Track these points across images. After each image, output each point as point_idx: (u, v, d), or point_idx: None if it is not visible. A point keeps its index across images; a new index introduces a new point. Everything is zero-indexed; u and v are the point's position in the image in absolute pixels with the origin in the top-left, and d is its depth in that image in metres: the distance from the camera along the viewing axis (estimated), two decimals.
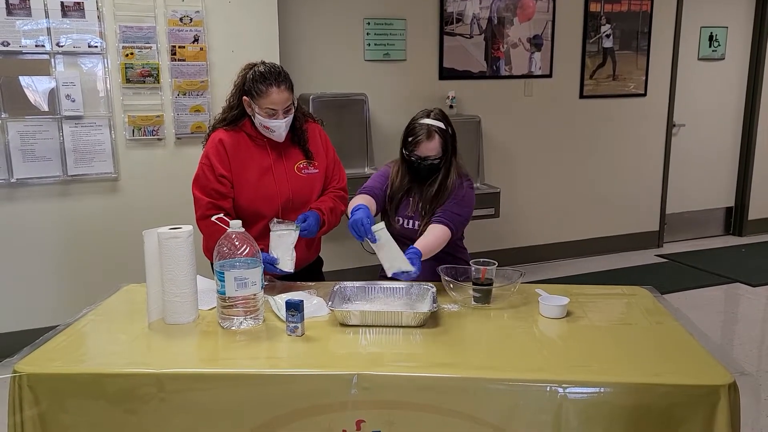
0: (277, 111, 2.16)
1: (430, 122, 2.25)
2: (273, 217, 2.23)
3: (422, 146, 2.24)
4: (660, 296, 2.12)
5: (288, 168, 2.29)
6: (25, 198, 3.36)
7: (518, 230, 5.02)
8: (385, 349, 1.76)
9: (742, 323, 4.04)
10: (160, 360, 1.72)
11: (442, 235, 2.21)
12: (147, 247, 1.87)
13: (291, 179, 2.29)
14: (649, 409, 1.52)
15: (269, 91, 2.14)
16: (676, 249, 5.48)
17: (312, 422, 1.58)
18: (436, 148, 2.24)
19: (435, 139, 2.23)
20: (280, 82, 2.15)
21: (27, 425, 1.59)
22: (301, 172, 2.31)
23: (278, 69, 2.19)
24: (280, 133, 2.21)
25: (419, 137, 2.23)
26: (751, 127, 5.69)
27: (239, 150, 2.24)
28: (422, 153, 2.24)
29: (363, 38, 4.30)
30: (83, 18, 3.28)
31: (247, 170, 2.24)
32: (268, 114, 2.17)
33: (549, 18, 4.77)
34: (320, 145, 2.37)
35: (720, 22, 5.46)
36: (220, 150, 2.22)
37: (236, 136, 2.24)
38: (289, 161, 2.30)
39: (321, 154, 2.37)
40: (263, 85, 2.14)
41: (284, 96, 2.15)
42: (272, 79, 2.15)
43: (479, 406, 1.56)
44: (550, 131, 4.97)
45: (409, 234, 2.32)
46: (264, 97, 2.15)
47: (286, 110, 2.18)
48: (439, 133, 2.24)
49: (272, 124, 2.18)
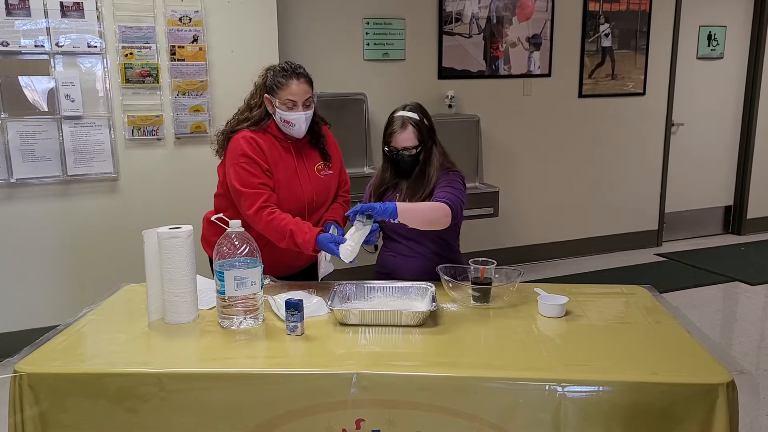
0: (296, 103, 2.19)
1: (403, 113, 2.28)
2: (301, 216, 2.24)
3: (397, 137, 2.26)
4: (659, 295, 2.13)
5: (309, 170, 2.32)
6: (25, 198, 3.36)
7: (517, 229, 5.03)
8: (385, 349, 1.76)
9: (740, 322, 4.05)
10: (160, 359, 1.72)
11: (437, 206, 2.16)
12: (147, 246, 1.88)
13: (313, 181, 2.32)
14: (648, 408, 1.52)
15: (289, 83, 2.18)
16: (675, 248, 5.49)
17: (312, 421, 1.58)
18: (411, 138, 2.25)
19: (408, 129, 2.25)
20: (299, 75, 2.20)
21: (27, 425, 1.59)
22: (320, 174, 2.34)
23: (298, 64, 2.25)
24: (299, 127, 2.23)
25: (394, 128, 2.26)
26: (750, 125, 5.70)
27: (271, 150, 2.25)
28: (398, 144, 2.26)
29: (362, 38, 4.30)
30: (82, 18, 3.28)
31: (278, 171, 2.25)
32: (288, 106, 2.19)
33: (548, 17, 4.77)
34: (333, 147, 2.42)
35: (719, 21, 5.47)
36: (256, 147, 2.21)
37: (263, 137, 2.25)
38: (309, 163, 2.33)
39: (335, 155, 2.42)
40: (283, 78, 2.19)
41: (303, 88, 2.19)
42: (291, 71, 2.20)
43: (478, 404, 1.56)
44: (549, 130, 4.97)
45: (397, 228, 2.30)
46: (284, 89, 2.18)
47: (306, 104, 2.21)
48: (413, 123, 2.26)
49: (292, 117, 2.20)
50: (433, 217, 2.15)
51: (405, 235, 2.32)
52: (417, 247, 2.33)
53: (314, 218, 2.32)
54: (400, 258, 2.35)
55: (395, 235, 2.36)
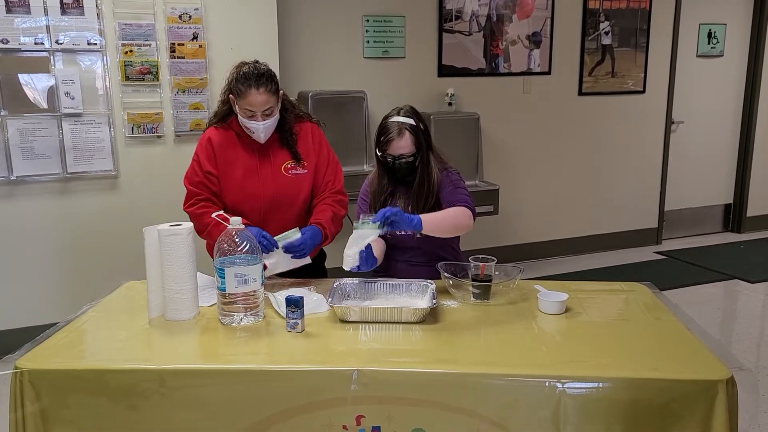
0: (255, 113, 2.16)
1: (399, 119, 2.22)
2: (256, 216, 2.26)
3: (393, 144, 2.20)
4: (659, 292, 2.13)
5: (275, 167, 2.29)
6: (25, 195, 3.37)
7: (517, 227, 5.03)
8: (385, 345, 1.76)
9: (740, 319, 4.05)
10: (161, 356, 1.73)
11: (459, 211, 2.15)
12: (147, 244, 1.88)
13: (276, 179, 2.29)
14: (648, 404, 1.53)
15: (248, 92, 2.14)
16: (675, 246, 5.49)
17: (312, 418, 1.58)
18: (408, 145, 2.21)
19: (405, 135, 2.20)
20: (259, 85, 2.14)
21: (28, 421, 1.60)
22: (288, 172, 2.31)
23: (262, 71, 2.17)
24: (258, 135, 2.23)
25: (390, 135, 2.20)
26: (750, 123, 5.70)
27: (226, 148, 2.27)
28: (394, 151, 2.21)
29: (362, 35, 4.30)
30: (82, 15, 3.28)
31: (233, 169, 2.27)
32: (246, 115, 2.18)
33: (548, 15, 4.77)
34: (311, 146, 2.35)
35: (719, 18, 5.47)
36: (208, 148, 2.28)
37: (225, 134, 2.28)
38: (276, 160, 2.30)
39: (311, 154, 2.34)
40: (243, 85, 2.15)
41: (262, 98, 2.14)
42: (252, 80, 2.14)
43: (478, 401, 1.56)
44: (548, 128, 4.97)
45: (404, 239, 2.29)
46: (243, 98, 2.16)
47: (266, 113, 2.18)
48: (410, 129, 2.20)
49: (251, 126, 2.20)
50: (459, 223, 2.16)
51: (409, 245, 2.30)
52: (418, 257, 2.31)
53: (278, 218, 2.28)
54: (401, 263, 2.34)
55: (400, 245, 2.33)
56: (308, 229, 2.23)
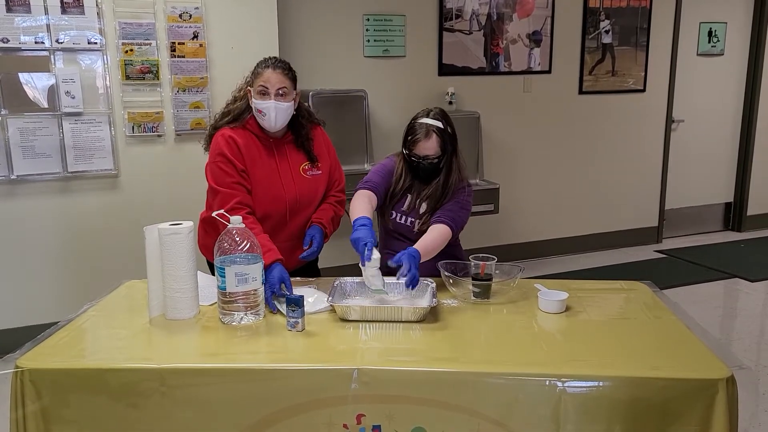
0: (268, 90, 2.15)
1: (428, 121, 2.24)
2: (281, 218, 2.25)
3: (420, 145, 2.22)
4: (659, 291, 2.13)
5: (294, 169, 2.30)
6: (25, 195, 3.37)
7: (517, 226, 5.03)
8: (385, 344, 1.77)
9: (740, 318, 4.05)
10: (162, 355, 1.73)
11: (444, 234, 2.20)
12: (148, 243, 1.88)
13: (297, 180, 2.29)
14: (648, 403, 1.53)
15: (264, 70, 2.17)
16: (675, 244, 5.49)
17: (313, 416, 1.58)
18: (434, 147, 2.23)
19: (433, 138, 2.22)
20: (277, 66, 2.18)
21: (29, 420, 1.60)
22: (306, 174, 2.31)
23: (281, 59, 2.24)
24: (270, 117, 2.16)
25: (417, 136, 2.22)
26: (750, 122, 5.70)
27: (249, 149, 2.22)
28: (421, 152, 2.23)
29: (362, 34, 4.30)
30: (82, 14, 3.28)
31: (257, 170, 2.23)
32: (260, 93, 2.16)
33: (548, 14, 4.77)
34: (323, 148, 2.39)
35: (719, 17, 5.46)
36: (233, 146, 2.19)
37: (244, 135, 2.22)
38: (293, 163, 2.30)
39: (324, 156, 2.38)
40: (261, 67, 2.20)
41: (278, 77, 2.16)
42: (270, 61, 2.20)
43: (479, 400, 1.56)
44: (549, 127, 4.97)
45: (402, 229, 2.32)
46: (259, 77, 2.18)
47: (279, 93, 2.16)
48: (437, 132, 2.22)
49: (263, 105, 2.16)
50: (440, 247, 2.18)
51: (407, 235, 2.32)
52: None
53: (299, 219, 2.29)
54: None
55: (397, 233, 2.36)
56: (315, 233, 2.27)
